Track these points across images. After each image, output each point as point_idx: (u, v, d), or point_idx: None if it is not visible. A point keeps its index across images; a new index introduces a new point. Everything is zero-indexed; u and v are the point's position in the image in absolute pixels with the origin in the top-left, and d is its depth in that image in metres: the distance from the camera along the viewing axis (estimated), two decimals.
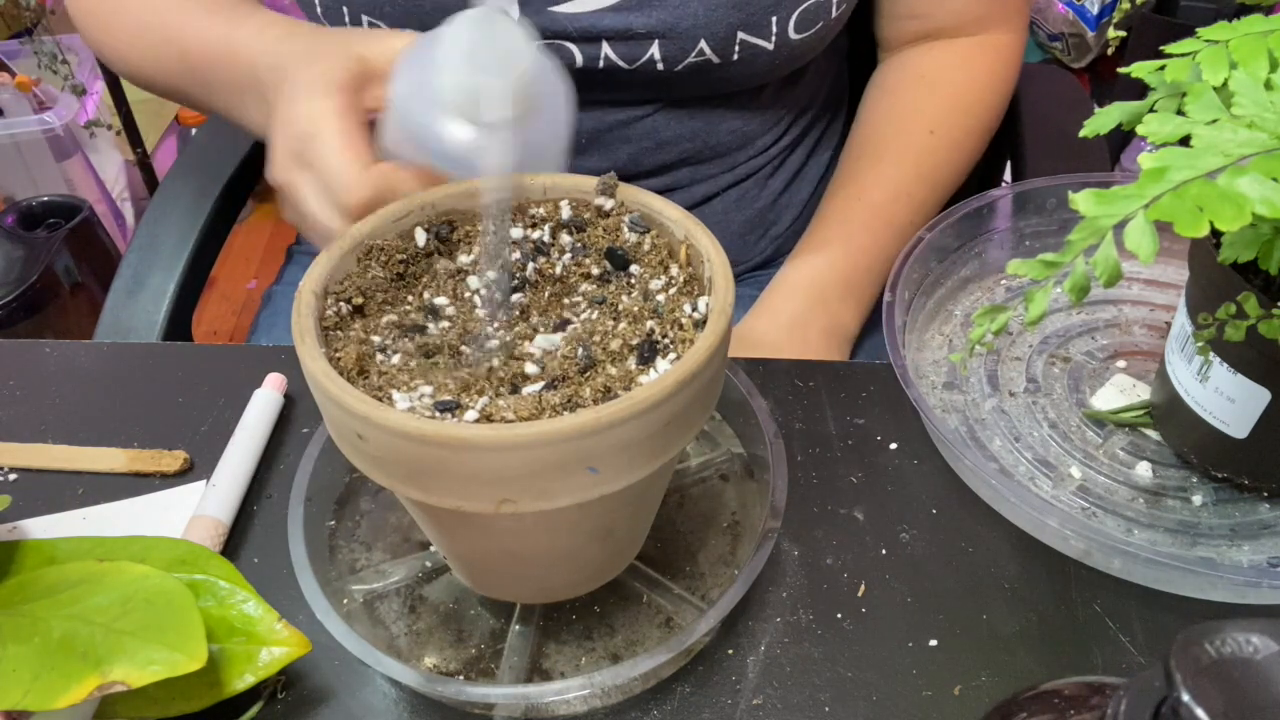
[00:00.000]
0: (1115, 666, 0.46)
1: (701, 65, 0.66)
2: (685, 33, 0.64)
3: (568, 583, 0.47)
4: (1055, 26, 2.18)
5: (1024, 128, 0.84)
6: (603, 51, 0.65)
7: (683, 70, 0.67)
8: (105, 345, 0.63)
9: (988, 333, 0.38)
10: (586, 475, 0.37)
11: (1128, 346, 0.59)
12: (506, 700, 0.43)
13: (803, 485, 0.53)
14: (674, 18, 0.64)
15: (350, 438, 0.38)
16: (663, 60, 0.66)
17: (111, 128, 1.77)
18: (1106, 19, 2.12)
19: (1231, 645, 0.22)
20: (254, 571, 0.50)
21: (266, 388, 0.57)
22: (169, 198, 0.84)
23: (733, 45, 0.66)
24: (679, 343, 0.40)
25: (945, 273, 0.62)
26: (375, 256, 0.44)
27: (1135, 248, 0.34)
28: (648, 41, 0.65)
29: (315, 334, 0.40)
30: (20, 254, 1.54)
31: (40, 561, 0.48)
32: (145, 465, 0.55)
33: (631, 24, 0.64)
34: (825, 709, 0.44)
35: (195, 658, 0.40)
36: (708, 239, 0.43)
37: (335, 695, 0.46)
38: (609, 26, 0.64)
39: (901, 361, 0.53)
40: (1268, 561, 0.49)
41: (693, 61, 0.66)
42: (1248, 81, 0.38)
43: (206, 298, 1.90)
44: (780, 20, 0.66)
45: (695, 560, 0.50)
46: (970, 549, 0.50)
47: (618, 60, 0.66)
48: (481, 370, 0.40)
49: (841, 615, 0.48)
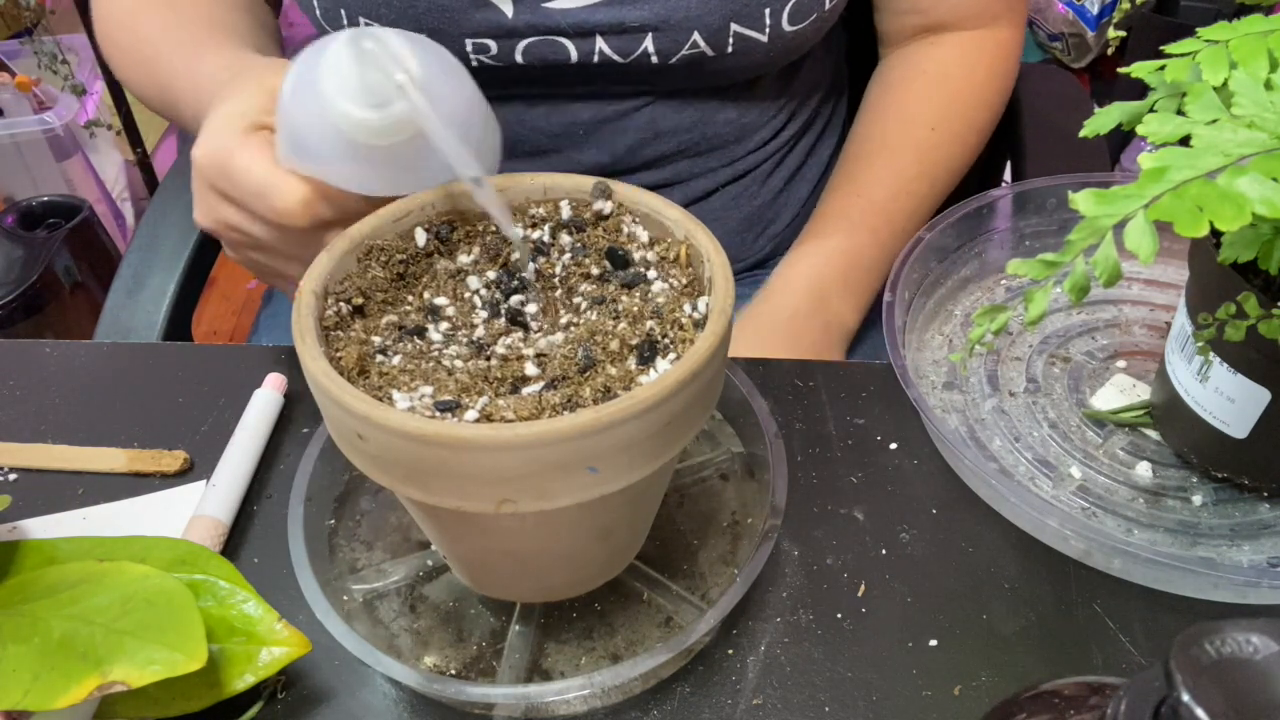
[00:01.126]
0: (1115, 666, 0.46)
1: (696, 58, 0.66)
2: (678, 25, 0.65)
3: (568, 582, 0.47)
4: (1055, 26, 2.18)
5: (1024, 128, 0.84)
6: (597, 46, 0.65)
7: (677, 63, 0.67)
8: (105, 345, 0.63)
9: (987, 333, 0.38)
10: (586, 475, 0.37)
11: (1128, 346, 0.59)
12: (506, 700, 0.43)
13: (803, 485, 0.53)
14: (667, 10, 0.64)
15: (350, 438, 0.38)
16: (657, 53, 0.66)
17: (111, 128, 1.77)
18: (1106, 19, 2.12)
19: (1231, 645, 0.22)
20: (254, 571, 0.50)
21: (266, 388, 0.57)
22: (169, 198, 0.84)
23: (726, 37, 0.66)
24: (679, 343, 0.40)
25: (945, 273, 0.62)
26: (375, 256, 0.44)
27: (1135, 248, 0.34)
28: (641, 35, 0.65)
29: (315, 334, 0.40)
30: (20, 254, 1.54)
31: (40, 561, 0.48)
32: (145, 465, 0.55)
33: (624, 18, 0.64)
34: (825, 709, 0.44)
35: (195, 658, 0.40)
36: (708, 239, 0.43)
37: (335, 695, 0.46)
38: (602, 21, 0.64)
39: (901, 361, 0.53)
40: (1268, 561, 0.49)
41: (687, 54, 0.66)
42: (1248, 81, 0.39)
43: (206, 298, 1.90)
44: (774, 12, 0.66)
45: (695, 560, 0.50)
46: (970, 549, 0.50)
47: (612, 54, 0.66)
48: (481, 370, 0.40)
49: (841, 615, 0.48)
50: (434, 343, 0.42)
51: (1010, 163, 0.86)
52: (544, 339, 0.42)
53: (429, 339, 0.42)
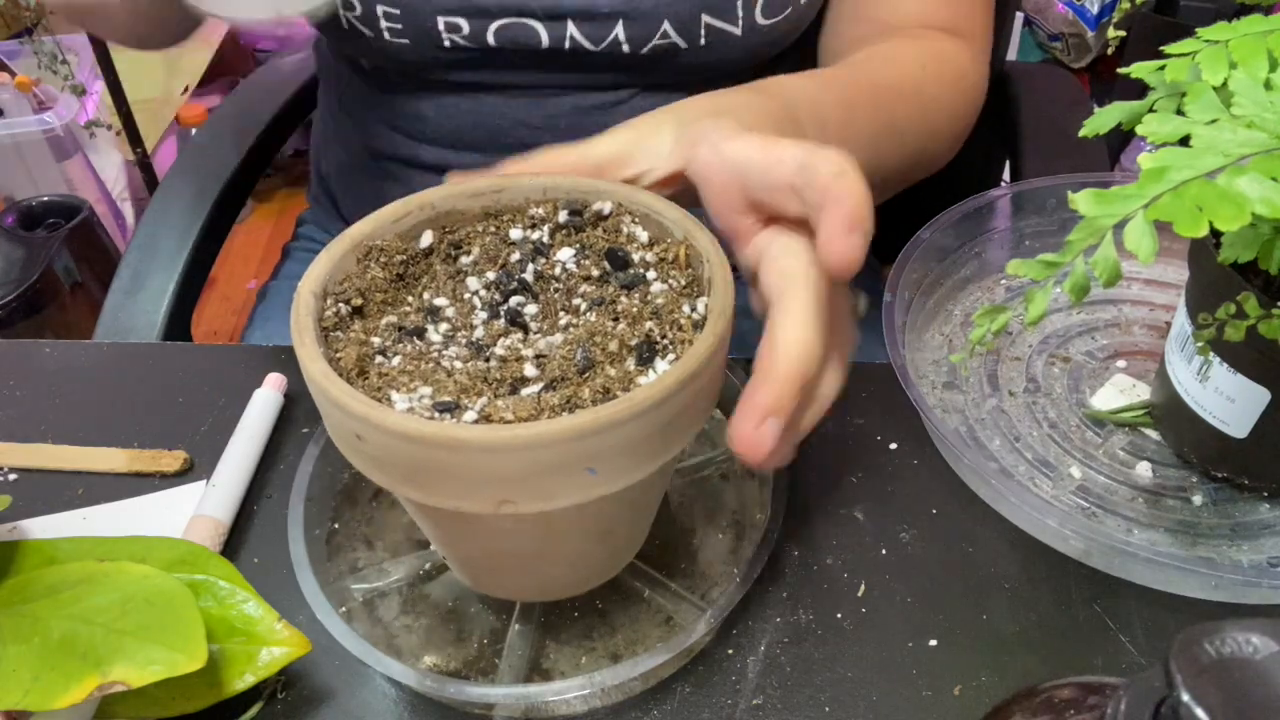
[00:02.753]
0: (1115, 666, 0.46)
1: (669, 49, 0.66)
2: (648, 13, 0.64)
3: (568, 582, 0.47)
4: (1055, 26, 2.18)
5: (1024, 128, 0.84)
6: (568, 31, 0.65)
7: (649, 53, 0.66)
8: (105, 345, 0.63)
9: (988, 333, 0.38)
10: (586, 476, 0.37)
11: (1128, 346, 0.59)
12: (506, 700, 0.43)
13: (803, 485, 0.53)
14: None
15: (349, 438, 0.38)
16: (628, 41, 0.66)
17: (111, 128, 1.77)
18: (1106, 19, 2.12)
19: (1231, 645, 0.22)
20: (254, 571, 0.50)
21: (266, 388, 0.57)
22: (169, 198, 0.84)
23: (698, 29, 0.65)
24: (678, 343, 0.40)
25: (945, 273, 0.62)
26: (374, 257, 0.44)
27: (1135, 248, 0.34)
28: (611, 22, 0.65)
29: (314, 335, 0.40)
30: (20, 254, 1.54)
31: (40, 561, 0.48)
32: (145, 465, 0.55)
33: (594, 3, 0.64)
34: (825, 709, 0.44)
35: (195, 658, 0.40)
36: (707, 239, 0.43)
37: (335, 695, 0.46)
38: (573, 5, 0.64)
39: (901, 361, 0.53)
40: (1268, 561, 0.49)
41: (659, 44, 0.66)
42: (1247, 81, 0.38)
43: (206, 298, 1.90)
44: (746, 4, 0.65)
45: (695, 560, 0.50)
46: (970, 549, 0.50)
47: (583, 40, 0.66)
48: (480, 371, 0.40)
49: (841, 615, 0.48)
50: (433, 344, 0.42)
51: (1010, 163, 0.86)
52: (543, 340, 0.42)
53: (428, 340, 0.42)
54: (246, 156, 0.86)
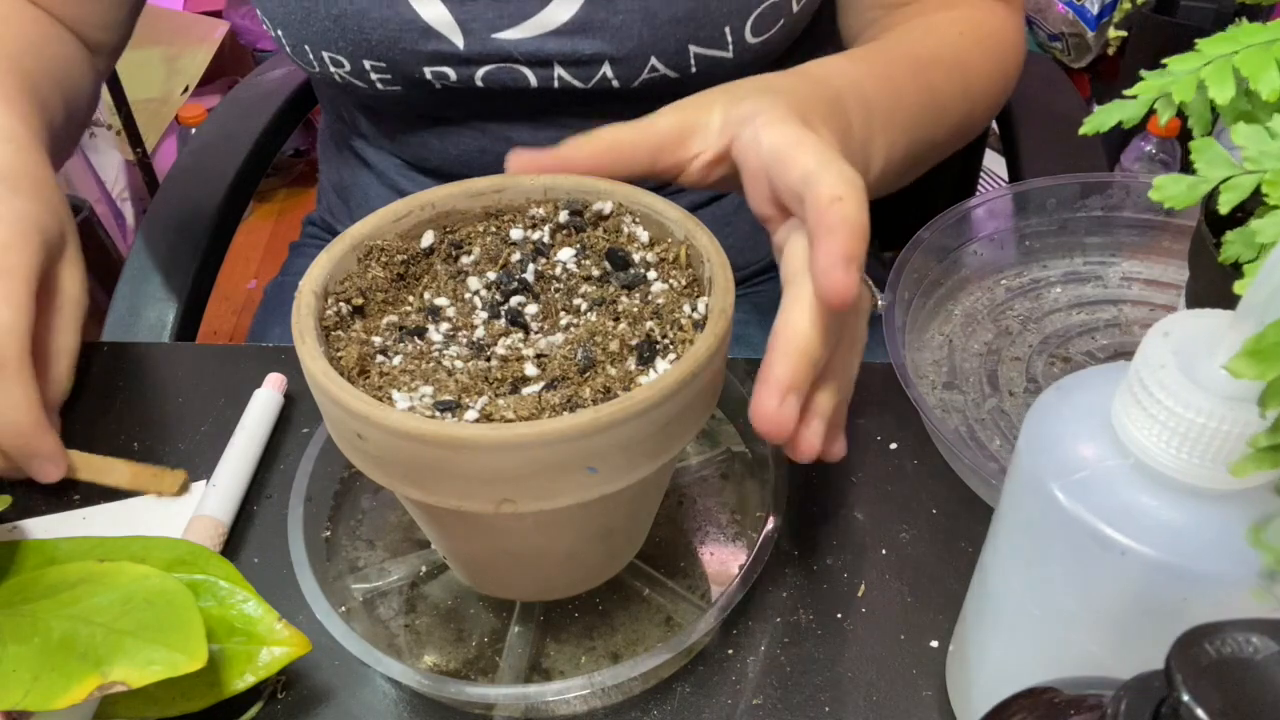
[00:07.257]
0: None
1: (659, 80, 0.65)
2: (633, 53, 0.63)
3: (568, 581, 0.47)
4: (1055, 26, 2.18)
5: (1022, 127, 0.84)
6: (555, 73, 0.64)
7: (640, 87, 0.65)
8: (105, 345, 0.64)
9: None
10: (586, 475, 0.37)
11: (1128, 346, 0.59)
12: (506, 700, 0.43)
13: (803, 485, 0.53)
14: (618, 39, 0.62)
15: (350, 438, 0.38)
16: (617, 79, 0.64)
17: (111, 128, 1.77)
18: (1106, 19, 2.12)
19: (1231, 645, 0.22)
20: (254, 571, 0.50)
21: (266, 388, 0.57)
22: (169, 198, 0.84)
23: (687, 59, 0.64)
24: (678, 343, 0.40)
25: (945, 273, 0.62)
26: (375, 256, 0.44)
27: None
28: (597, 64, 0.64)
29: (315, 334, 0.40)
30: None
31: (40, 561, 0.48)
32: (146, 484, 0.54)
33: (578, 48, 0.63)
34: (825, 709, 0.44)
35: (195, 658, 0.40)
36: (708, 239, 0.43)
37: (335, 695, 0.46)
38: (556, 51, 0.63)
39: (901, 361, 0.53)
40: None
41: (648, 79, 0.65)
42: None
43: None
44: (734, 29, 0.63)
45: (695, 559, 0.50)
46: (970, 549, 0.50)
47: (572, 80, 0.65)
48: (481, 370, 0.40)
49: (841, 615, 0.48)
50: (434, 343, 0.42)
51: (1007, 162, 0.86)
52: (544, 339, 0.42)
53: (429, 339, 0.42)
54: (247, 156, 0.86)
